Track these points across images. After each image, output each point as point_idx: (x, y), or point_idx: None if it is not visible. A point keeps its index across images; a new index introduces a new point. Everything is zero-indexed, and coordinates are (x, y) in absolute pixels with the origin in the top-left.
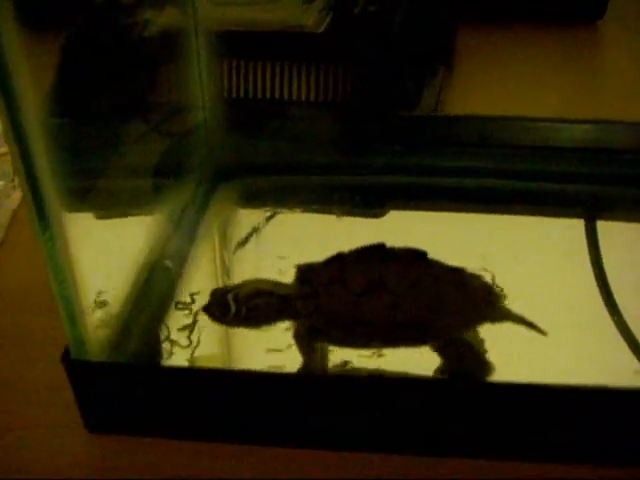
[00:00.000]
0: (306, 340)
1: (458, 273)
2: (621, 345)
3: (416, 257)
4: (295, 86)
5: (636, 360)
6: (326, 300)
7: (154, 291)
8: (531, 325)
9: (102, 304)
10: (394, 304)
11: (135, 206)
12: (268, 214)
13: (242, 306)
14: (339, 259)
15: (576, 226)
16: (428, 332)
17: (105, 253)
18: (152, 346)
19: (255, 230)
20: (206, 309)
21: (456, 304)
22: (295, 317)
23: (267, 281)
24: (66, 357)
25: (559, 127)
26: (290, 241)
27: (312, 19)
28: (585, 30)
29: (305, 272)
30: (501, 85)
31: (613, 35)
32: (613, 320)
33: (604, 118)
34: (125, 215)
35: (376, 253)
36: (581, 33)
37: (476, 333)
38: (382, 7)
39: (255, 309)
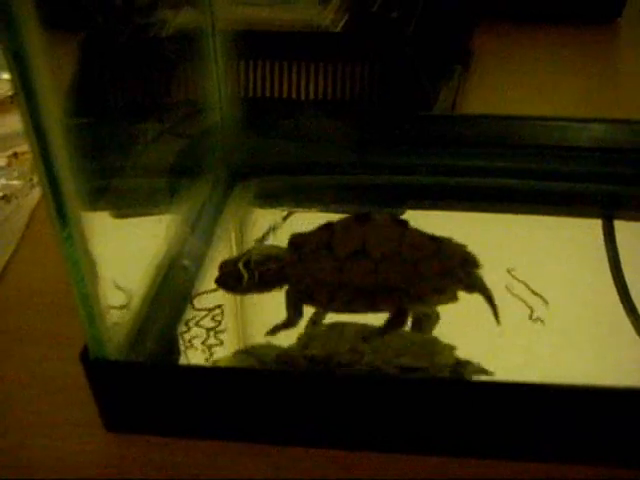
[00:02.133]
0: (292, 302)
1: (436, 242)
2: (638, 344)
3: (398, 225)
4: (311, 86)
5: None
6: (312, 265)
7: (172, 290)
8: (492, 306)
9: (120, 303)
10: (373, 269)
11: (152, 205)
12: (284, 214)
13: (254, 271)
14: (328, 227)
15: (594, 226)
16: (405, 297)
17: (123, 252)
18: (170, 345)
19: (271, 230)
20: (218, 281)
21: (431, 270)
22: (289, 282)
23: (271, 247)
24: (84, 356)
25: (576, 126)
26: None
27: (329, 18)
28: (603, 29)
29: (296, 239)
30: (518, 85)
31: (631, 34)
32: (630, 319)
33: (622, 117)
34: (143, 214)
35: (362, 221)
36: (599, 32)
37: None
38: (399, 7)
39: (267, 273)
